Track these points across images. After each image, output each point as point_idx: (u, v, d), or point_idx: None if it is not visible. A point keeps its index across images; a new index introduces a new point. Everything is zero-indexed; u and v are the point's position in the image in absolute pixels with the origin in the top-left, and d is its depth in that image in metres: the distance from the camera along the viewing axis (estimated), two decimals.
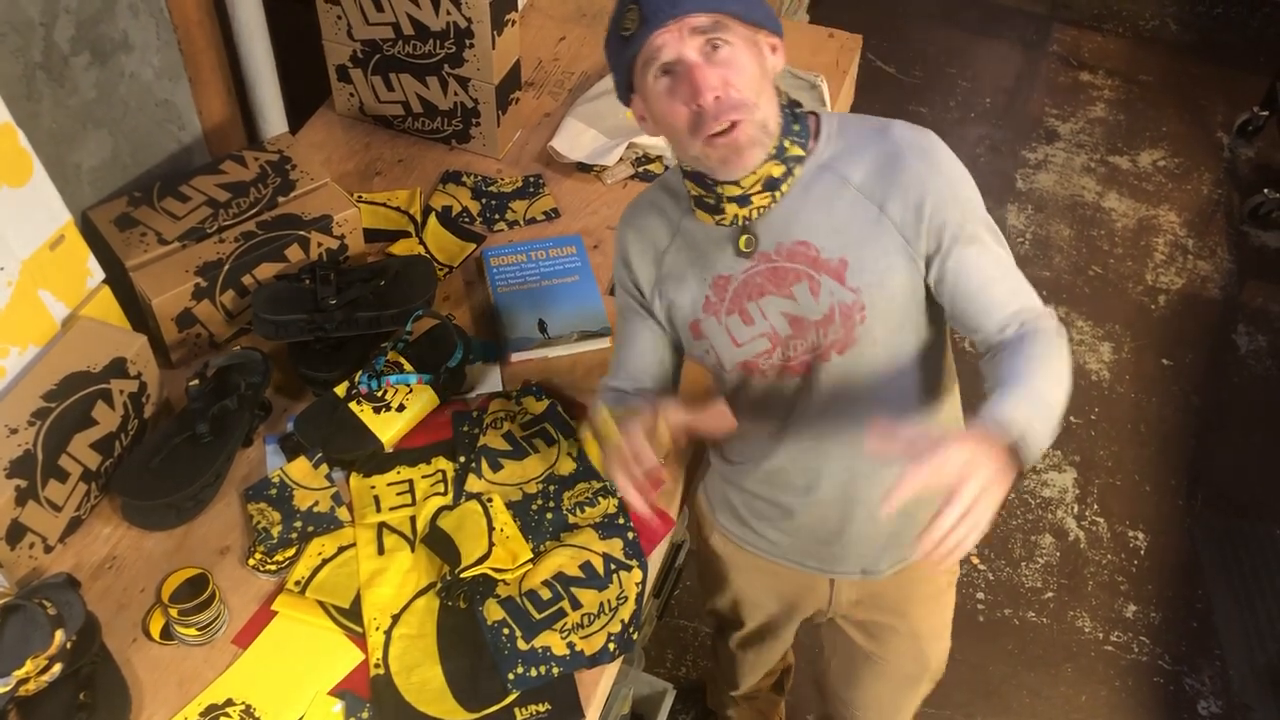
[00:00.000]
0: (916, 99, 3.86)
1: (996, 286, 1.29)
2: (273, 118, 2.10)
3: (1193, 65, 4.08)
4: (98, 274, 1.61)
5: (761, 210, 1.31)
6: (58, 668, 1.30)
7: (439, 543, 1.51)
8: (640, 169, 2.09)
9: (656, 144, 2.08)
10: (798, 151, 1.30)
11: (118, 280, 1.67)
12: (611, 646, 1.44)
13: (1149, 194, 3.58)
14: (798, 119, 1.31)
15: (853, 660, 1.74)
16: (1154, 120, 3.83)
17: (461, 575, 1.46)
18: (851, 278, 1.30)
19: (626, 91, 1.32)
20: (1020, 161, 3.67)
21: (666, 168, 2.09)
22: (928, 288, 1.32)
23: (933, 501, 1.44)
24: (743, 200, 1.30)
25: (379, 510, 1.56)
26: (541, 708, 1.39)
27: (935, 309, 1.35)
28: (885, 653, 1.69)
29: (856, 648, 1.71)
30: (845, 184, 1.30)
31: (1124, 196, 3.57)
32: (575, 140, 2.10)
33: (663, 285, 1.42)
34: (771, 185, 1.29)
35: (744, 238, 1.33)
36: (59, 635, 1.29)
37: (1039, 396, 1.19)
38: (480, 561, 1.46)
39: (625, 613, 1.47)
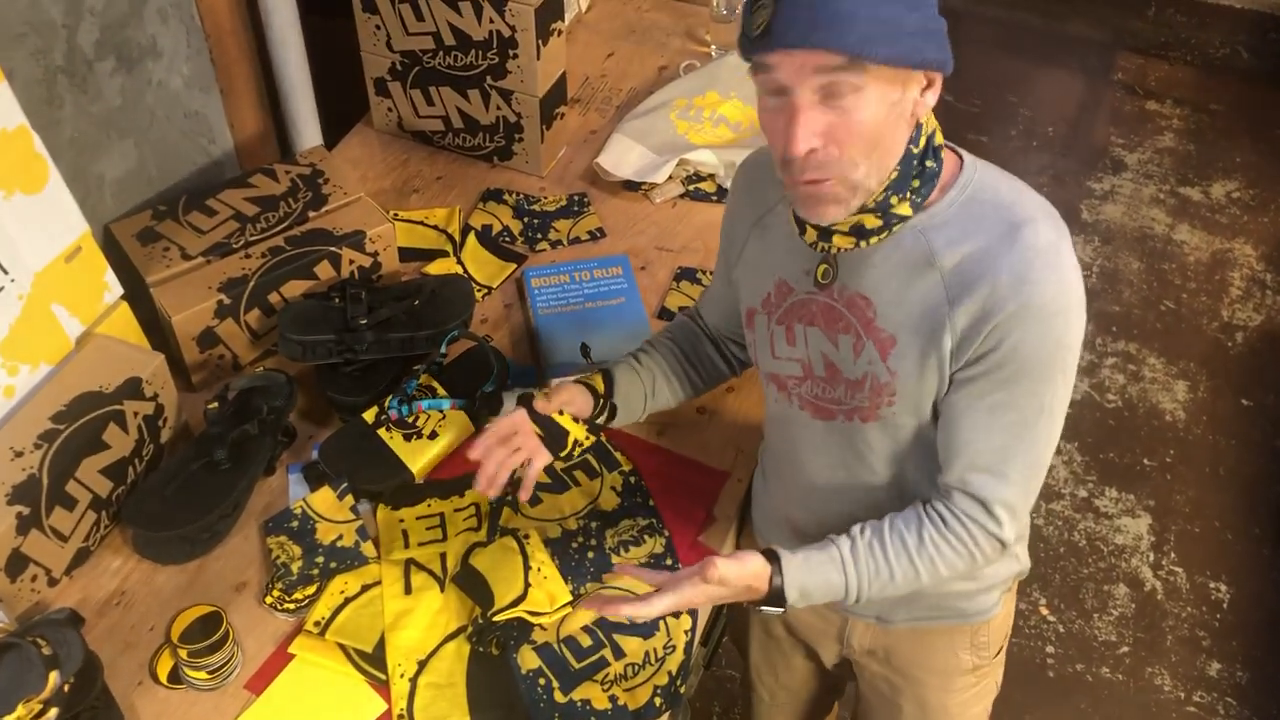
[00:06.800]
0: (975, 128, 3.74)
1: (979, 442, 1.16)
2: (308, 133, 2.04)
3: (1266, 93, 3.95)
4: (116, 289, 1.53)
5: (841, 249, 1.18)
6: (53, 712, 1.20)
7: (471, 582, 1.41)
8: (691, 187, 1.98)
9: (709, 160, 1.97)
10: (904, 211, 1.14)
11: (138, 297, 1.59)
12: (657, 701, 1.33)
13: (1223, 226, 3.43)
14: (924, 175, 1.14)
15: (872, 713, 1.62)
16: (1226, 150, 3.70)
17: (495, 618, 1.37)
18: (893, 361, 1.18)
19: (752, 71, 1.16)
20: (1085, 192, 3.55)
21: (719, 186, 1.98)
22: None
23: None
24: (825, 234, 1.18)
25: (407, 546, 1.47)
26: None
27: None
28: (897, 715, 1.56)
29: (870, 704, 1.60)
30: (932, 263, 1.14)
31: (1196, 229, 3.43)
32: (623, 157, 2.00)
33: (743, 260, 1.33)
34: (860, 234, 1.16)
35: (823, 268, 1.22)
36: (54, 677, 1.19)
37: (871, 568, 1.19)
38: (515, 604, 1.37)
39: (673, 663, 1.36)
